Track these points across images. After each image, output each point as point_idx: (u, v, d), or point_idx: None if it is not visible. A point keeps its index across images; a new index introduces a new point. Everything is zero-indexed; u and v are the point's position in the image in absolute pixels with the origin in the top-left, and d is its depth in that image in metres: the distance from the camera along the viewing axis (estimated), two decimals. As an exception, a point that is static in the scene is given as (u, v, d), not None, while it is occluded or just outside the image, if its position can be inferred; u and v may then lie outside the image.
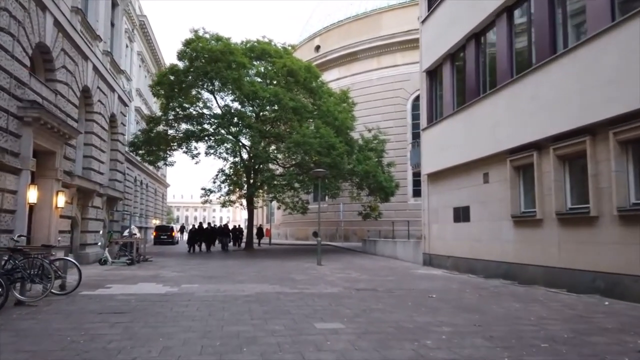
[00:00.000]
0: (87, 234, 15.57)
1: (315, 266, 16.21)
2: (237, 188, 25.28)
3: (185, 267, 15.22)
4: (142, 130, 24.38)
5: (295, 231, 40.93)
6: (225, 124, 22.67)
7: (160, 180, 47.89)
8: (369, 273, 13.79)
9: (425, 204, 16.90)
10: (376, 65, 34.38)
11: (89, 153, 15.77)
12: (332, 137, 22.43)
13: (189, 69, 22.18)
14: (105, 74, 16.96)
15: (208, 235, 26.59)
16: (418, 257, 17.47)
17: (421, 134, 17.34)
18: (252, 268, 15.07)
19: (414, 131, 32.98)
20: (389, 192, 25.65)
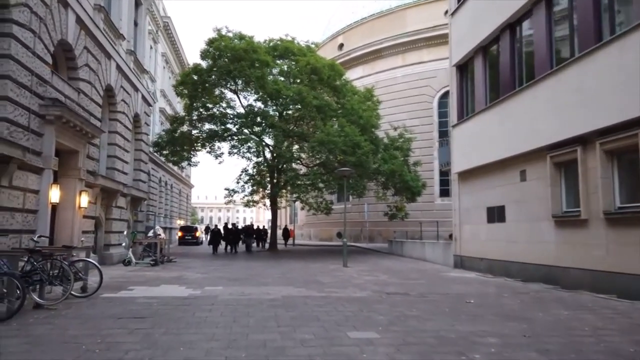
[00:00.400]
0: (111, 234, 15.44)
1: (342, 268, 15.71)
2: (260, 188, 24.84)
3: (209, 268, 14.92)
4: (166, 131, 24.30)
5: (319, 232, 40.49)
6: (249, 123, 22.37)
7: (184, 181, 48.14)
8: (398, 276, 13.21)
9: (455, 204, 16.21)
10: (401, 62, 33.66)
11: (113, 153, 15.64)
12: (357, 136, 21.89)
13: (212, 68, 21.97)
14: (128, 73, 16.84)
15: (232, 235, 25.76)
16: (448, 259, 16.79)
17: (451, 131, 16.65)
18: (276, 270, 14.67)
19: (440, 129, 32.22)
20: (415, 192, 24.94)
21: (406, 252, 21.80)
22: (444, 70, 32.32)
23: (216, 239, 24.83)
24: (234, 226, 26.95)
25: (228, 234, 25.47)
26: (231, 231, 25.82)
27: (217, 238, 24.83)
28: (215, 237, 24.89)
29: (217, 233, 25.12)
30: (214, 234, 25.14)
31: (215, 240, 24.82)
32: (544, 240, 11.40)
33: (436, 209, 31.14)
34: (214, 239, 24.91)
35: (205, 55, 22.71)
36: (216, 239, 24.80)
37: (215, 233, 25.08)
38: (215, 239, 24.85)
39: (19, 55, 9.25)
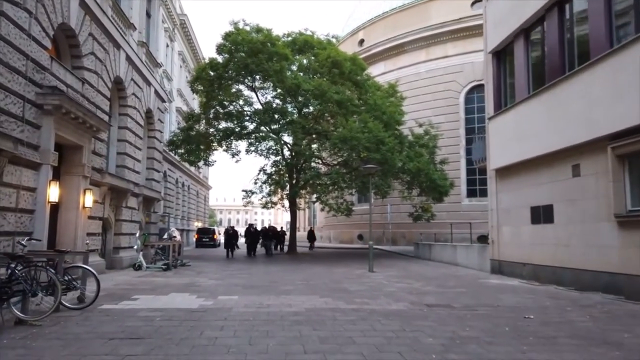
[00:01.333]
0: (121, 236, 14.45)
1: (368, 273, 14.43)
2: (279, 188, 23.61)
3: (224, 273, 13.81)
4: (181, 129, 23.34)
5: (339, 234, 39.21)
6: (266, 120, 21.23)
7: (202, 182, 47.41)
8: (433, 283, 11.88)
9: (493, 203, 14.78)
10: (425, 57, 32.24)
11: (123, 150, 14.67)
12: (381, 132, 20.61)
13: (228, 62, 20.90)
14: (140, 66, 15.88)
15: (251, 238, 23.93)
16: (484, 263, 15.36)
17: (487, 124, 15.24)
18: (297, 275, 13.47)
19: (467, 126, 30.73)
20: (443, 192, 23.51)
21: (435, 256, 20.38)
22: (471, 64, 30.88)
23: (232, 241, 22.89)
24: (250, 227, 24.95)
25: (246, 236, 24.03)
26: (250, 233, 24.20)
27: (233, 240, 22.96)
28: (231, 240, 22.94)
29: (232, 235, 23.14)
30: (229, 236, 23.16)
31: (230, 242, 22.82)
32: (603, 243, 9.95)
33: (463, 210, 29.63)
34: (229, 241, 22.92)
35: (221, 49, 21.69)
36: (232, 242, 22.87)
37: (231, 235, 23.09)
38: (230, 242, 22.86)
39: (11, 36, 8.25)
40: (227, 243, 22.87)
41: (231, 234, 23.04)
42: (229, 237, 22.94)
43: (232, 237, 22.88)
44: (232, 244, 22.71)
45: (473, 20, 29.67)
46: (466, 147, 30.60)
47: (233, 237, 22.96)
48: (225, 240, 23.61)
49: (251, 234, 24.14)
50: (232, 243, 22.75)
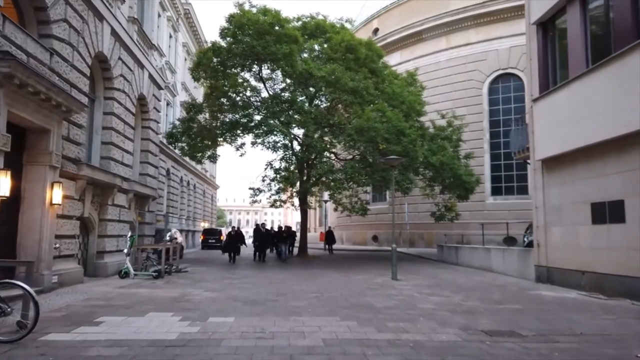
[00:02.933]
0: (106, 239, 12.51)
1: (392, 282, 12.35)
2: (288, 185, 21.41)
3: (224, 282, 11.81)
4: (181, 120, 21.35)
5: (352, 235, 37.11)
6: (275, 109, 19.13)
7: (209, 182, 45.63)
8: (475, 296, 9.77)
9: (538, 199, 12.60)
10: (445, 45, 30.02)
11: (109, 139, 12.74)
12: (402, 122, 18.51)
13: (232, 46, 18.86)
14: (130, 45, 13.95)
15: (260, 240, 20.49)
16: (526, 270, 13.19)
17: (531, 107, 13.05)
18: (310, 284, 11.42)
19: (491, 119, 28.45)
20: (469, 189, 21.35)
21: (463, 260, 18.19)
22: (495, 52, 28.60)
23: (234, 244, 19.51)
24: (258, 227, 21.39)
25: (256, 238, 20.65)
26: (261, 234, 20.75)
27: (238, 243, 19.67)
28: (234, 242, 19.60)
29: (235, 237, 19.76)
30: (230, 239, 19.89)
31: (232, 245, 19.42)
32: (702, 249, 7.78)
33: (487, 209, 27.43)
34: (231, 244, 19.57)
35: (225, 33, 19.64)
36: (234, 245, 19.48)
37: (233, 237, 19.75)
38: (233, 245, 19.47)
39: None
40: (228, 246, 19.87)
41: (234, 235, 19.78)
42: (230, 240, 19.87)
43: (235, 240, 19.75)
44: (234, 248, 19.48)
45: (498, 3, 27.42)
46: (490, 141, 28.37)
47: (236, 239, 19.78)
48: (225, 243, 20.70)
49: (260, 235, 20.63)
50: (236, 247, 19.57)
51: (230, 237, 20.03)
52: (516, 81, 27.74)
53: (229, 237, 20.11)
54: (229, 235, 20.20)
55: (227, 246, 20.00)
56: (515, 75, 27.67)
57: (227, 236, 20.39)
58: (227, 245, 20.17)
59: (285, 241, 20.87)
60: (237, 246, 19.73)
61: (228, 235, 20.34)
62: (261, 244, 20.47)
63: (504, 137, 28.01)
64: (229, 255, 19.36)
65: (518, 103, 27.64)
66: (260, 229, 21.10)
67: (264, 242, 20.66)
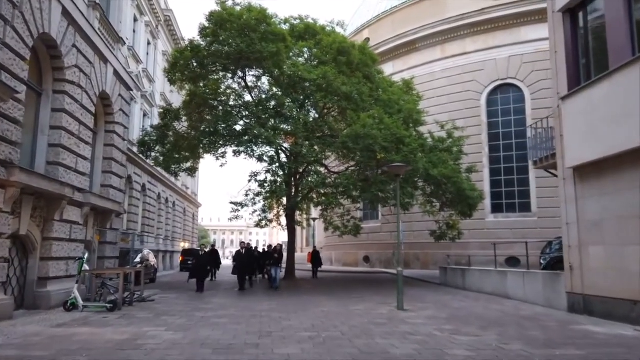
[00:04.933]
0: (50, 262, 10.19)
1: (398, 313, 10.26)
2: (275, 199, 19.16)
3: (195, 315, 9.58)
4: (155, 127, 19.13)
5: (342, 255, 34.93)
6: (260, 114, 17.03)
7: (190, 199, 43.22)
8: (509, 334, 7.72)
9: (570, 214, 10.69)
10: (440, 54, 28.57)
11: (57, 140, 10.53)
12: (401, 129, 16.68)
13: (212, 44, 16.86)
14: (90, 33, 11.88)
15: (243, 263, 16.49)
16: (555, 298, 11.20)
17: (559, 106, 11.24)
18: (302, 318, 9.26)
19: (490, 132, 26.83)
20: (472, 205, 19.48)
21: (471, 284, 16.14)
22: (494, 61, 27.13)
23: (203, 268, 15.56)
24: (244, 248, 17.16)
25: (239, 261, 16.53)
26: (240, 256, 16.73)
27: (209, 266, 16.00)
28: (203, 266, 15.64)
29: (207, 258, 16.04)
30: (199, 261, 15.80)
31: (201, 269, 15.43)
32: None
33: (488, 228, 25.62)
34: (199, 268, 15.54)
35: (205, 33, 17.65)
36: (203, 269, 15.51)
37: (203, 260, 15.79)
38: (201, 269, 15.45)
39: None
40: (196, 270, 15.64)
41: (204, 257, 15.78)
42: (199, 263, 15.67)
43: (205, 262, 15.64)
44: (203, 272, 15.39)
45: (498, 10, 26.09)
46: (489, 155, 26.69)
47: (207, 261, 15.79)
48: (192, 266, 16.34)
49: (242, 257, 16.57)
50: (205, 271, 15.57)
51: (198, 260, 15.99)
52: (516, 92, 26.29)
53: (197, 258, 16.08)
54: (198, 256, 16.32)
55: (195, 270, 15.85)
56: (515, 86, 26.23)
57: (195, 258, 16.53)
58: (194, 269, 15.96)
59: (277, 264, 16.54)
60: (207, 270, 16.20)
61: (196, 257, 16.48)
62: (245, 268, 16.48)
63: (504, 151, 26.46)
64: (197, 282, 15.17)
65: (518, 115, 26.16)
66: (241, 251, 16.97)
67: (244, 266, 16.51)
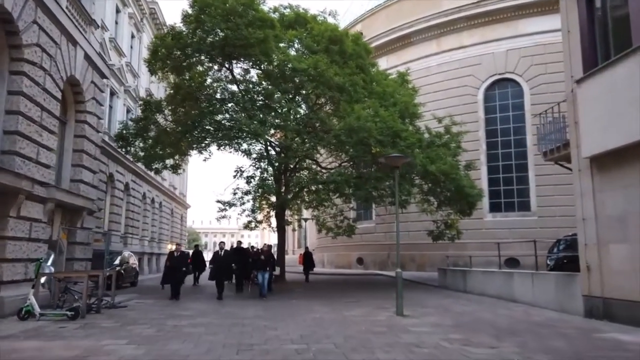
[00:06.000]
0: (4, 264, 8.97)
1: (398, 320, 9.19)
2: (264, 196, 17.88)
3: (168, 323, 8.42)
4: (134, 119, 17.86)
5: (335, 257, 33.82)
6: (246, 104, 15.88)
7: (178, 200, 41.87)
8: (528, 344, 6.66)
9: (587, 208, 9.68)
10: (435, 48, 27.61)
11: (14, 127, 9.33)
12: (397, 122, 15.67)
13: (195, 30, 15.67)
14: (56, 11, 10.67)
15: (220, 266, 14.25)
16: (570, 301, 10.17)
17: (572, 91, 10.22)
18: (290, 327, 8.14)
19: (487, 128, 25.90)
20: (472, 203, 18.49)
21: (473, 287, 15.10)
22: (491, 55, 26.21)
23: (177, 271, 13.46)
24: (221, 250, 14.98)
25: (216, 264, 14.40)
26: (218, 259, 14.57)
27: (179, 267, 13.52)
28: (176, 268, 13.47)
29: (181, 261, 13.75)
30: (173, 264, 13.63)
31: (173, 273, 13.47)
32: None
33: (486, 228, 24.63)
34: (172, 271, 13.55)
35: (187, 20, 16.40)
36: (177, 272, 13.46)
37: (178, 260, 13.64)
38: (175, 272, 13.45)
39: None
40: (169, 275, 13.72)
41: (178, 258, 13.57)
42: (172, 265, 13.55)
43: (179, 264, 13.49)
44: (177, 276, 13.38)
45: (494, 3, 25.18)
46: (487, 152, 25.74)
47: (181, 263, 13.64)
48: (165, 270, 14.18)
49: (221, 260, 14.34)
50: (180, 274, 13.53)
51: (172, 261, 13.72)
52: (514, 87, 25.39)
53: (171, 260, 13.81)
54: (171, 257, 13.95)
55: (168, 273, 13.84)
56: (513, 80, 25.33)
57: (168, 259, 14.05)
58: (167, 272, 13.97)
59: (264, 267, 13.98)
60: (183, 273, 14.02)
61: (169, 258, 14.02)
62: (218, 272, 13.98)
63: (503, 148, 25.55)
64: (172, 287, 13.18)
65: (517, 111, 25.26)
66: (218, 252, 14.81)
67: (223, 270, 14.14)
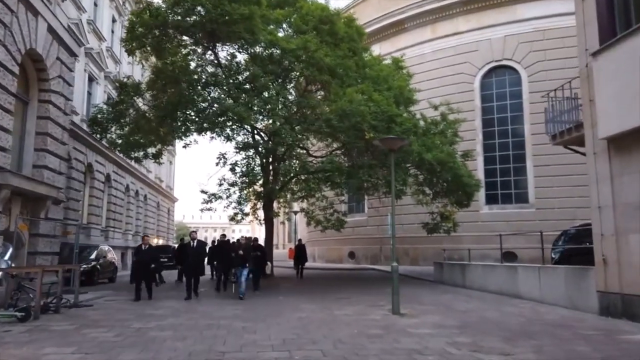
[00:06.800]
0: (-55, 258, 7.89)
1: (395, 319, 8.21)
2: (251, 186, 16.75)
3: (133, 326, 7.36)
4: (110, 103, 16.60)
5: (326, 251, 32.85)
6: (230, 87, 14.77)
7: (164, 193, 40.65)
8: (548, 350, 5.71)
9: (604, 196, 8.73)
10: (430, 35, 26.62)
11: (-42, 102, 8.20)
12: (392, 107, 14.67)
13: (174, 5, 14.47)
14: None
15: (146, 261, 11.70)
16: (582, 298, 9.25)
17: (587, 65, 9.24)
18: (271, 329, 7.10)
19: (484, 117, 24.98)
20: (470, 193, 17.58)
21: (473, 282, 14.15)
22: (488, 41, 25.24)
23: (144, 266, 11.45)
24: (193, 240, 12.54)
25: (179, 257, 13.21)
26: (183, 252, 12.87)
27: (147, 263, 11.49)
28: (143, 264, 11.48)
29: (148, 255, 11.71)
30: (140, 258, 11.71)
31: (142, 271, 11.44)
32: None
33: (481, 220, 23.77)
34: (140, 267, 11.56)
35: (167, -1, 15.19)
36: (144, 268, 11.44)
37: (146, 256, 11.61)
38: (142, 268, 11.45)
39: None
40: (137, 272, 11.55)
41: (145, 251, 11.63)
42: (139, 260, 11.66)
43: (147, 260, 11.53)
44: (144, 273, 11.40)
45: (490, -13, 24.24)
46: (483, 142, 24.85)
47: (149, 258, 11.63)
48: (133, 268, 12.32)
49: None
50: (148, 270, 11.53)
51: (138, 256, 11.74)
52: (512, 74, 24.46)
53: (138, 254, 11.85)
54: (138, 251, 11.95)
55: (135, 270, 11.85)
56: (511, 68, 24.39)
57: (136, 253, 12.08)
58: (134, 269, 12.05)
59: (243, 264, 11.82)
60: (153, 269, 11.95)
61: (135, 253, 12.18)
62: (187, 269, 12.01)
63: (500, 138, 24.68)
64: (136, 287, 11.17)
65: (515, 99, 24.36)
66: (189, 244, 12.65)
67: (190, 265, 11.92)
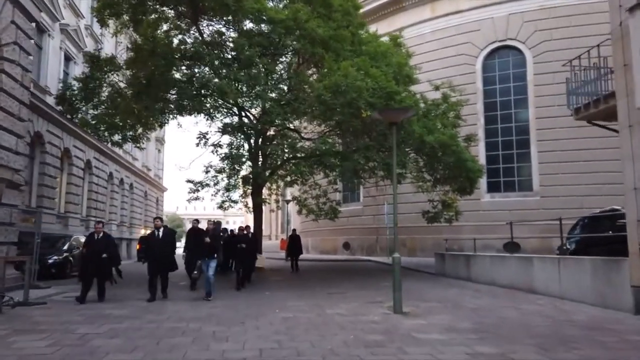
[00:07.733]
0: None
1: (397, 320, 6.95)
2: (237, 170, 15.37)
3: (79, 330, 6.08)
4: (80, 79, 15.03)
5: (320, 242, 31.64)
6: (212, 59, 13.39)
7: (152, 182, 39.19)
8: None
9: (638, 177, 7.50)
10: (429, 14, 25.33)
11: None
12: (390, 83, 13.35)
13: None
14: None
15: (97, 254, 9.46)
16: (613, 294, 8.03)
17: (621, 25, 7.94)
18: (247, 335, 5.83)
19: (486, 100, 23.74)
20: (473, 179, 16.36)
21: (479, 275, 12.91)
22: (491, 20, 23.88)
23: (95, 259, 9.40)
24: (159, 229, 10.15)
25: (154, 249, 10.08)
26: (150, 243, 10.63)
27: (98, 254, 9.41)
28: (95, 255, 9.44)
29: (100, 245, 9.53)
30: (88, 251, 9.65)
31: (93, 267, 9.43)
32: None
33: (483, 209, 22.65)
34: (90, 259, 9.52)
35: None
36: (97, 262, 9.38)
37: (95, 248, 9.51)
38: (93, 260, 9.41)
39: None
40: (87, 267, 9.56)
41: (100, 240, 9.52)
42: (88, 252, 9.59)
43: (100, 251, 9.39)
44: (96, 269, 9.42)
45: (495, -41, 22.87)
46: (485, 127, 23.64)
47: (100, 250, 9.41)
48: (82, 260, 10.12)
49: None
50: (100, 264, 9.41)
51: (89, 247, 9.72)
52: (516, 55, 23.22)
53: (89, 245, 9.84)
54: (89, 241, 9.98)
55: (84, 264, 9.82)
56: (515, 48, 23.14)
57: (87, 244, 9.94)
58: (83, 263, 9.97)
59: (211, 255, 9.99)
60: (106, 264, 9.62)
61: (85, 243, 10.23)
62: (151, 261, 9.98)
63: (502, 123, 23.45)
64: (83, 285, 9.27)
65: (518, 81, 23.13)
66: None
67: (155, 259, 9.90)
